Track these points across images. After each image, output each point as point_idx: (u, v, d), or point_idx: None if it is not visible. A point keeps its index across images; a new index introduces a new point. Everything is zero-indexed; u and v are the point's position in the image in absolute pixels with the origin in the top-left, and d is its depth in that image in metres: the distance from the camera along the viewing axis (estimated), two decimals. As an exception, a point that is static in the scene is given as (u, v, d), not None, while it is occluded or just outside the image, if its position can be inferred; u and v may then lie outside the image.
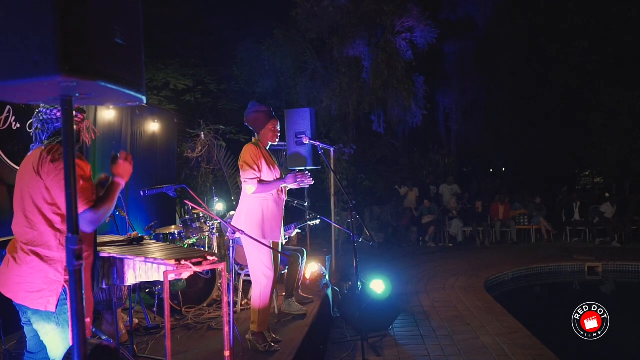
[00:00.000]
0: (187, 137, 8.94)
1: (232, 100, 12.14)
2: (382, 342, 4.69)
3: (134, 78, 1.48)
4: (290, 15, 11.44)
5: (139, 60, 1.53)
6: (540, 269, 8.71)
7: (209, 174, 8.63)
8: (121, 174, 2.35)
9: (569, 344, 5.02)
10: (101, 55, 1.31)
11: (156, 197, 6.48)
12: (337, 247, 7.67)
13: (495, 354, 4.30)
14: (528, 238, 12.01)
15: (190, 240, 5.31)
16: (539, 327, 5.08)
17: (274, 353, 3.68)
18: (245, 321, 4.63)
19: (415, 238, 11.62)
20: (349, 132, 12.18)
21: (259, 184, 3.69)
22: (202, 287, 5.05)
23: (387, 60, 11.08)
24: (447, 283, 7.34)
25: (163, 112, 7.57)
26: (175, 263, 2.42)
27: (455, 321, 5.35)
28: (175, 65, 10.77)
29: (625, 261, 8.92)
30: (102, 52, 1.32)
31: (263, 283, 3.76)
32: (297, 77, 12.14)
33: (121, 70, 1.41)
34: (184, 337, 4.14)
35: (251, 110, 3.89)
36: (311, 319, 4.57)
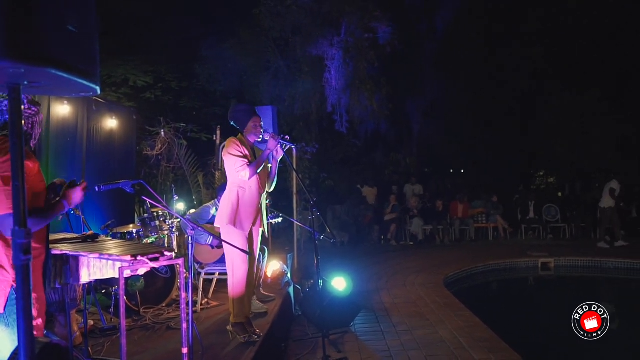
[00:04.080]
0: (147, 135, 8.76)
1: (193, 99, 11.95)
2: (344, 338, 4.72)
3: (88, 67, 1.44)
4: (254, 13, 11.36)
5: (93, 49, 1.48)
6: (496, 266, 8.97)
7: (169, 172, 8.48)
8: (72, 199, 2.31)
9: (522, 336, 5.19)
10: (52, 41, 1.26)
11: (113, 195, 6.32)
12: (299, 245, 7.68)
13: (453, 348, 4.40)
14: (486, 236, 12.34)
15: (149, 239, 5.20)
16: (495, 321, 5.22)
17: (239, 351, 3.67)
18: (206, 320, 4.59)
19: (377, 236, 11.75)
20: (311, 131, 12.19)
21: (249, 167, 3.82)
22: (161, 287, 4.95)
23: (350, 60, 11.16)
24: (407, 280, 7.46)
25: (122, 108, 7.39)
26: (131, 259, 2.37)
27: (415, 317, 5.44)
28: (135, 62, 10.51)
29: (575, 256, 9.32)
30: (53, 38, 1.27)
31: (236, 273, 3.86)
32: (260, 75, 12.06)
33: (73, 58, 1.36)
34: (142, 338, 4.06)
35: (234, 109, 4.10)
36: (272, 317, 4.56)
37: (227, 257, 3.92)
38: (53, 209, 2.23)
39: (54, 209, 2.23)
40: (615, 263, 9.06)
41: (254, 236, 4.08)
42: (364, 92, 11.36)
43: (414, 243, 11.64)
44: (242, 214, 3.89)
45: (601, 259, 9.19)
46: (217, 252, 5.05)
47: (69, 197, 2.29)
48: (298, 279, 6.45)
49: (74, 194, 2.31)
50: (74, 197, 2.31)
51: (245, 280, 3.90)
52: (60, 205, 2.25)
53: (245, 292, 3.93)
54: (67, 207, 2.28)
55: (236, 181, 3.91)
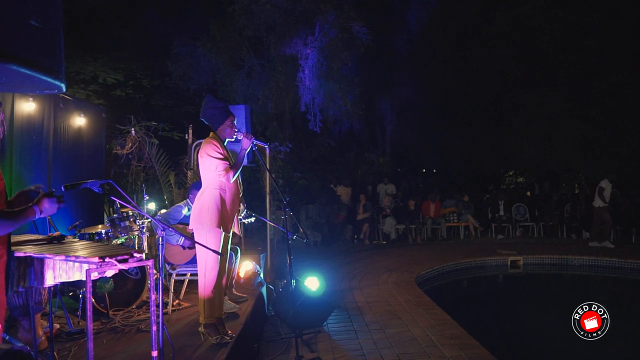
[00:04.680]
0: (117, 134, 8.58)
1: (165, 97, 11.78)
2: (316, 338, 4.72)
3: (52, 64, 1.39)
4: (227, 11, 11.26)
5: (58, 45, 1.44)
6: (467, 264, 9.11)
7: (140, 171, 8.33)
8: (45, 208, 2.24)
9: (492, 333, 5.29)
10: (12, 37, 1.21)
11: (82, 195, 6.18)
12: (272, 245, 7.64)
13: (424, 345, 4.45)
14: (457, 235, 12.54)
15: (119, 239, 5.09)
16: (465, 318, 5.31)
17: (211, 352, 3.63)
18: (177, 322, 4.53)
19: (350, 236, 11.80)
20: (285, 130, 12.17)
21: (231, 169, 3.81)
22: (131, 289, 4.86)
23: (324, 59, 11.18)
24: (380, 279, 7.51)
25: (90, 106, 7.21)
26: (98, 260, 2.31)
27: (387, 315, 5.48)
28: (105, 59, 10.30)
29: (543, 254, 9.56)
30: (14, 33, 1.22)
31: (208, 274, 3.81)
32: (233, 74, 11.97)
33: (37, 55, 1.31)
34: (111, 341, 3.97)
35: (208, 106, 3.94)
36: (245, 317, 4.53)
37: (200, 258, 3.87)
38: (23, 214, 2.16)
39: (24, 214, 2.16)
40: (581, 260, 9.33)
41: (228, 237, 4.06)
42: (338, 92, 11.39)
43: (387, 242, 11.74)
44: (226, 215, 3.85)
45: (567, 257, 9.45)
46: (189, 253, 4.98)
47: (42, 205, 2.23)
48: (271, 279, 6.43)
49: (48, 204, 2.24)
50: (48, 207, 2.24)
51: (217, 280, 3.87)
52: (31, 212, 2.19)
53: (216, 292, 3.89)
54: (38, 215, 2.21)
55: (215, 183, 3.84)
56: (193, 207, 3.93)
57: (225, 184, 3.86)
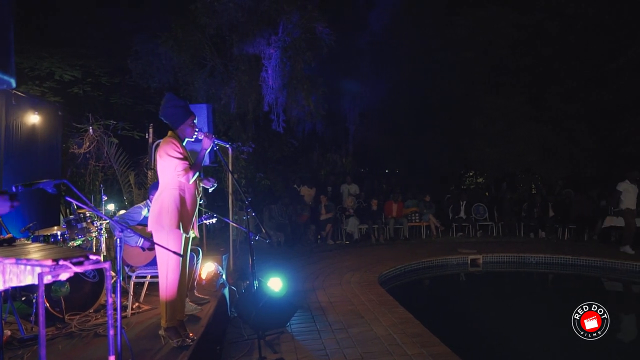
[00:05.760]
0: (74, 132, 8.34)
1: (125, 95, 11.50)
2: (280, 339, 4.71)
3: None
4: (190, 9, 11.09)
5: (6, 38, 1.39)
6: (429, 263, 9.28)
7: (99, 171, 8.11)
8: None
9: (453, 330, 5.41)
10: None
11: (37, 195, 5.97)
12: (235, 246, 7.58)
13: (387, 344, 4.50)
14: (419, 234, 12.74)
15: (76, 242, 4.95)
16: (427, 316, 5.41)
17: (171, 355, 3.56)
18: (137, 325, 4.42)
19: (313, 236, 11.82)
20: (248, 130, 12.09)
21: (191, 170, 3.75)
22: (89, 292, 4.71)
23: (287, 59, 11.16)
24: (343, 279, 7.55)
25: (45, 103, 6.97)
26: (52, 263, 2.23)
27: (350, 315, 5.52)
28: (61, 55, 9.97)
29: (501, 252, 9.84)
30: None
31: (169, 275, 3.74)
32: (195, 73, 11.80)
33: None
34: (67, 346, 3.84)
35: (168, 105, 3.85)
36: (207, 319, 4.47)
37: (161, 259, 3.79)
38: None
39: None
40: (537, 258, 9.66)
41: (189, 238, 4.01)
42: (301, 92, 11.40)
43: (350, 242, 11.81)
44: (186, 216, 3.79)
45: (524, 255, 9.76)
46: (149, 255, 4.88)
47: None
48: (233, 280, 6.37)
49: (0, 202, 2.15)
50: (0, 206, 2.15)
51: (178, 282, 3.80)
52: None
53: (178, 295, 3.83)
54: None
55: (174, 183, 3.77)
56: (152, 208, 3.84)
57: (184, 185, 3.79)
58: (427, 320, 5.19)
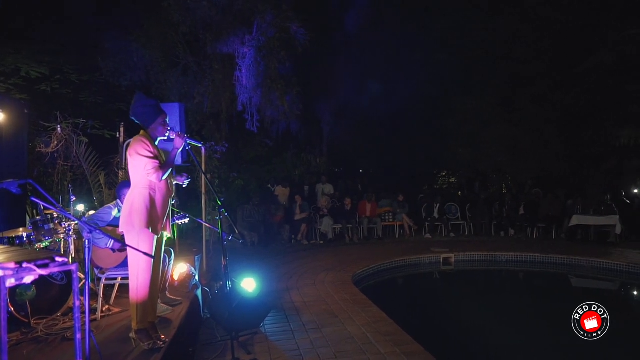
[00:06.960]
0: (42, 131, 8.11)
1: (95, 93, 11.23)
2: (253, 339, 4.69)
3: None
4: (163, 6, 10.91)
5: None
6: (402, 262, 9.37)
7: (67, 171, 7.91)
8: None
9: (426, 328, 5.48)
10: None
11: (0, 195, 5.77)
12: (208, 246, 7.51)
13: (360, 343, 4.53)
14: (393, 234, 12.84)
15: (42, 243, 4.82)
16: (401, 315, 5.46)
17: (142, 359, 3.50)
18: (107, 328, 4.34)
19: (287, 236, 11.79)
20: (221, 130, 11.98)
21: (161, 169, 3.70)
22: (57, 295, 4.59)
23: (262, 59, 11.10)
24: (317, 278, 7.56)
25: (10, 101, 6.73)
26: (15, 266, 2.16)
27: (324, 314, 5.52)
28: (28, 50, 9.68)
29: (472, 251, 10.02)
30: None
31: (140, 277, 3.69)
32: (168, 71, 11.62)
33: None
34: (33, 351, 3.74)
35: (138, 104, 3.81)
36: (179, 321, 4.41)
37: (132, 260, 3.73)
38: None
39: None
40: (507, 257, 9.86)
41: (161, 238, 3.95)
42: (275, 92, 11.35)
43: (324, 242, 11.83)
44: (155, 216, 3.74)
45: (495, 253, 9.95)
46: (119, 256, 4.78)
47: None
48: (207, 281, 6.30)
49: None
50: None
51: (150, 283, 3.74)
52: None
53: (149, 296, 3.77)
54: None
55: (145, 183, 3.72)
56: (123, 208, 3.78)
57: (155, 184, 3.74)
58: (400, 319, 5.24)
